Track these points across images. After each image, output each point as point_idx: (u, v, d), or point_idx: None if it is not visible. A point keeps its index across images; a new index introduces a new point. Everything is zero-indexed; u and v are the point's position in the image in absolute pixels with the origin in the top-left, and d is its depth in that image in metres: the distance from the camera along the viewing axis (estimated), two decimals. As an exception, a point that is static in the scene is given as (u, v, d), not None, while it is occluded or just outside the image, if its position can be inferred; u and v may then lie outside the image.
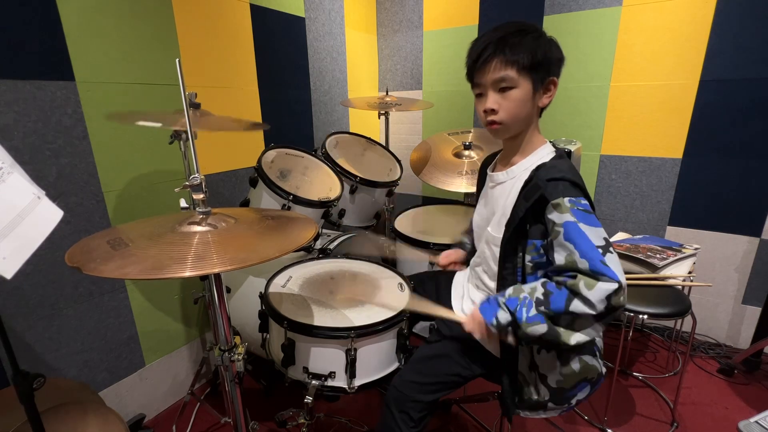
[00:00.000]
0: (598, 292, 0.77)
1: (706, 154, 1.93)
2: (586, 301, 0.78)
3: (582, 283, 0.79)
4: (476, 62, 0.94)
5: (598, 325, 0.83)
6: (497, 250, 0.97)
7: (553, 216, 0.85)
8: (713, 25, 1.80)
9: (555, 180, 0.87)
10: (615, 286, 0.77)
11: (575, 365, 0.94)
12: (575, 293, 0.79)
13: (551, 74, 0.93)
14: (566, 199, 0.84)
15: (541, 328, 0.83)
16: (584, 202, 0.85)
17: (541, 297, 0.83)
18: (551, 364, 0.95)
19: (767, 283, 1.91)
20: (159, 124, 1.17)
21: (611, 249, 0.81)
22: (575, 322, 0.82)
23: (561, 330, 0.82)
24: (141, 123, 1.17)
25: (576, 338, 0.82)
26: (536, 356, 0.96)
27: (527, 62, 0.89)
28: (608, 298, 0.77)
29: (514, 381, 1.00)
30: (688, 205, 2.02)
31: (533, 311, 0.83)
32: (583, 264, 0.80)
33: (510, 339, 0.90)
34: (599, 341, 1.02)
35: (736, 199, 1.91)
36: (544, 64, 0.91)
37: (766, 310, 1.77)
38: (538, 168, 0.93)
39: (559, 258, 0.84)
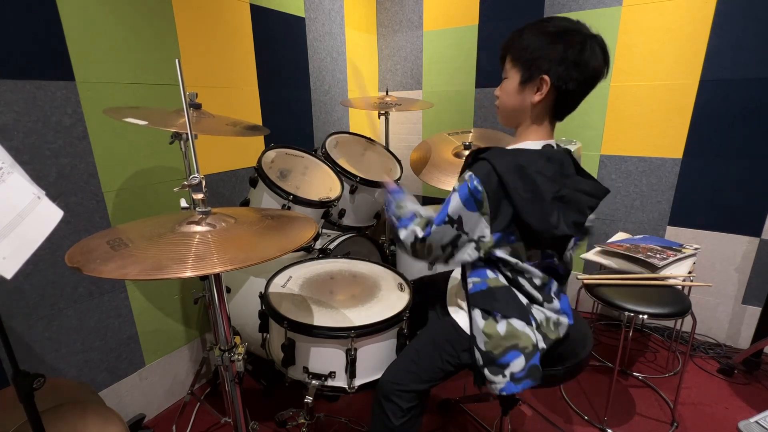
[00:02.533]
0: (409, 231, 1.00)
1: (706, 154, 1.93)
2: (405, 232, 1.02)
3: (419, 223, 1.00)
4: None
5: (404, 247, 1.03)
6: None
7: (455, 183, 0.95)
8: (713, 25, 1.80)
9: (480, 159, 0.92)
10: (421, 235, 0.97)
11: (501, 327, 0.95)
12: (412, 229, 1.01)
13: (543, 72, 0.90)
14: (468, 174, 0.90)
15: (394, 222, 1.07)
16: (480, 188, 0.88)
17: (401, 214, 1.06)
18: (477, 323, 0.98)
19: (767, 283, 1.91)
20: (145, 122, 1.17)
21: (451, 225, 0.93)
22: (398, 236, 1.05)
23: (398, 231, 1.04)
24: (127, 120, 1.16)
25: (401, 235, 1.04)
26: (472, 313, 1.00)
27: (517, 56, 0.93)
28: (415, 239, 0.99)
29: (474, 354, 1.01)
30: (688, 205, 2.02)
31: (396, 216, 1.07)
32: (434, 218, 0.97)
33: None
34: (537, 312, 0.99)
35: (736, 199, 1.91)
36: (535, 60, 0.90)
37: (766, 310, 1.77)
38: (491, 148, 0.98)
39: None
